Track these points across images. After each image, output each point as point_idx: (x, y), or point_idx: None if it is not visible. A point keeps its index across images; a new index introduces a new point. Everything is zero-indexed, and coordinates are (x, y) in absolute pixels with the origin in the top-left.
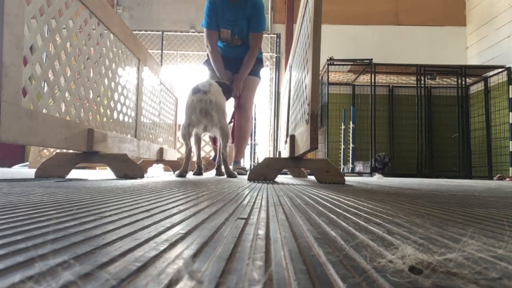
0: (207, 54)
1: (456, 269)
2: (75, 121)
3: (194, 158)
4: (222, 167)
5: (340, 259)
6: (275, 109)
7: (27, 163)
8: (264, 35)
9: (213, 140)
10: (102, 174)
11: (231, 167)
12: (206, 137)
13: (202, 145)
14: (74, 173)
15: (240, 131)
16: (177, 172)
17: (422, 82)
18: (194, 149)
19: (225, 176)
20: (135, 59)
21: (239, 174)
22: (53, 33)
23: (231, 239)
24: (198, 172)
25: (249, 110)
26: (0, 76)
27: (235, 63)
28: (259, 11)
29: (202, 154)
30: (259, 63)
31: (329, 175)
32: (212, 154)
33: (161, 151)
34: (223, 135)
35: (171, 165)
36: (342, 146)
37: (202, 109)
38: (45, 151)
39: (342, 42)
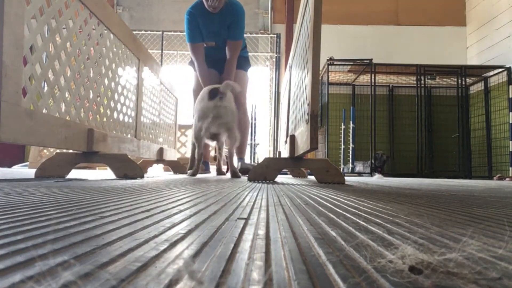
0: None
1: (456, 269)
2: (75, 121)
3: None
4: (224, 167)
5: (340, 259)
6: (275, 109)
7: (27, 163)
8: (264, 35)
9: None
10: (102, 174)
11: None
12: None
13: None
14: (74, 173)
15: (239, 125)
16: (189, 171)
17: (422, 82)
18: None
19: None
20: (135, 59)
21: (244, 172)
22: (53, 33)
23: (231, 239)
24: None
25: (245, 104)
26: (0, 76)
27: (222, 63)
28: (239, 18)
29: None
30: (246, 61)
31: (329, 175)
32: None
33: (161, 151)
34: (232, 138)
35: (171, 165)
36: (342, 146)
37: (216, 115)
38: (45, 151)
39: (342, 42)
